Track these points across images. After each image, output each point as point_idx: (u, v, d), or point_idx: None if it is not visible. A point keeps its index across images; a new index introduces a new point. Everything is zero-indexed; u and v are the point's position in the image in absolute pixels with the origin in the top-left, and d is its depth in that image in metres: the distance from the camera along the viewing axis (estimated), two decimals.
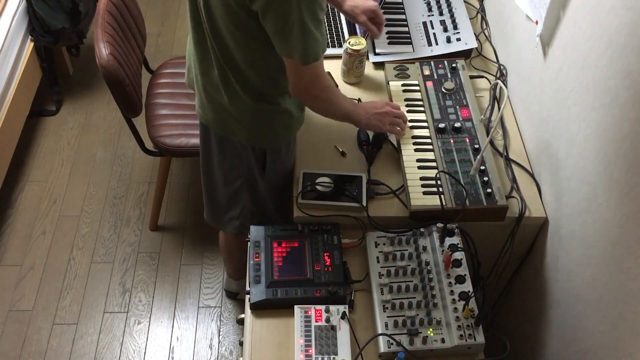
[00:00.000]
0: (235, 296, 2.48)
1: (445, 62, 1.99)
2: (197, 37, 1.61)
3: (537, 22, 1.72)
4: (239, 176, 1.82)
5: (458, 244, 1.59)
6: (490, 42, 2.14)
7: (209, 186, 1.93)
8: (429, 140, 1.79)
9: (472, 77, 2.00)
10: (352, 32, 2.12)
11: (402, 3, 2.21)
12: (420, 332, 1.46)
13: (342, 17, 2.19)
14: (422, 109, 1.87)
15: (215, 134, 1.76)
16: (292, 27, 1.39)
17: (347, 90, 1.97)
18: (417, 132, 1.82)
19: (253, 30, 1.46)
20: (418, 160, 1.75)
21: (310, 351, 1.44)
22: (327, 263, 1.59)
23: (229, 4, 1.42)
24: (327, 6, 2.22)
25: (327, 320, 1.49)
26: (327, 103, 1.65)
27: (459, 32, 2.08)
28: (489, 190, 1.66)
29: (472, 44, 2.05)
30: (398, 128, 1.78)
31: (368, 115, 1.73)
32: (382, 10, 1.94)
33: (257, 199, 1.88)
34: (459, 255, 1.57)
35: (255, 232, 1.64)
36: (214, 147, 1.79)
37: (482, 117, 1.86)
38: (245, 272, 1.75)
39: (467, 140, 1.78)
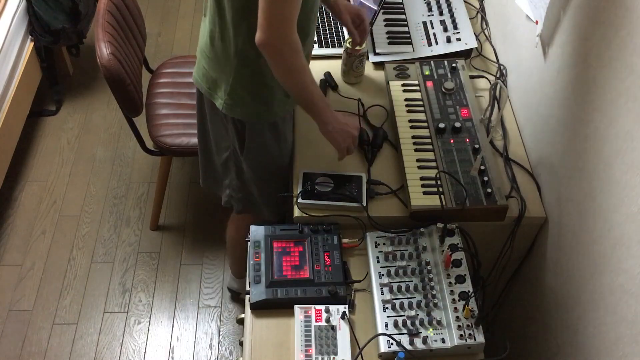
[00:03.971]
0: (238, 295, 2.48)
1: (445, 62, 1.99)
2: None
3: (537, 22, 1.72)
4: (227, 147, 1.82)
5: (458, 244, 1.59)
6: (490, 42, 2.14)
7: (205, 152, 1.93)
8: (429, 140, 1.79)
9: (472, 77, 2.00)
10: None
11: (402, 3, 2.21)
12: (420, 332, 1.46)
13: None
14: (422, 109, 1.87)
15: (207, 100, 1.76)
16: None
17: (347, 90, 1.97)
18: (417, 132, 1.82)
19: None
20: (418, 160, 1.75)
21: (310, 351, 1.45)
22: (327, 263, 1.59)
23: None
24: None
25: (327, 320, 1.49)
26: (288, 67, 1.49)
27: (459, 32, 2.08)
28: (489, 190, 1.66)
29: (472, 44, 2.05)
30: (344, 151, 1.70)
31: (337, 125, 1.64)
32: (382, 10, 1.93)
33: (242, 177, 1.87)
34: (459, 255, 1.56)
35: (255, 232, 1.64)
36: (206, 113, 1.80)
37: (482, 117, 1.86)
38: (245, 271, 1.75)
39: (467, 140, 1.78)
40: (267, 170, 1.84)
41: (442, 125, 1.81)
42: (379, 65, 2.06)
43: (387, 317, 1.49)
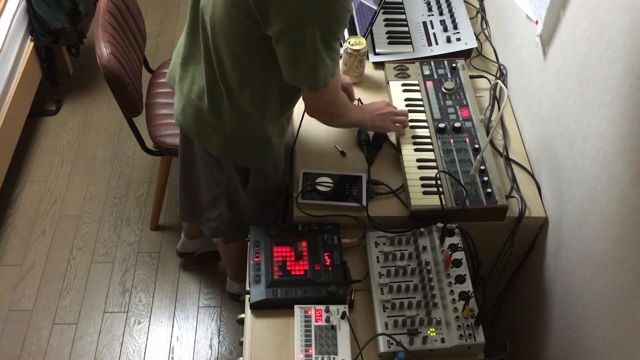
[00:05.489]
0: (238, 298, 2.48)
1: (445, 62, 1.99)
2: (190, 43, 1.60)
3: (537, 22, 1.72)
4: (219, 184, 1.81)
5: (458, 244, 1.59)
6: (490, 42, 2.14)
7: (187, 185, 1.92)
8: (429, 140, 1.79)
9: (472, 77, 2.00)
10: (352, 32, 2.12)
11: (402, 3, 2.21)
12: (420, 332, 1.46)
13: None
14: (422, 109, 1.88)
15: (197, 142, 1.74)
16: (305, 55, 1.38)
17: None
18: (417, 132, 1.82)
19: (260, 53, 1.44)
20: (418, 160, 1.75)
21: (310, 351, 1.44)
22: (327, 263, 1.59)
23: (241, 25, 1.38)
24: None
25: (327, 320, 1.49)
26: (341, 117, 1.69)
27: (459, 32, 2.08)
28: (489, 190, 1.66)
29: (472, 43, 2.05)
30: (400, 126, 1.80)
31: (372, 117, 1.77)
32: (382, 10, 1.93)
33: (235, 209, 1.86)
34: (459, 255, 1.56)
35: (255, 232, 1.64)
36: (196, 153, 1.78)
37: (482, 117, 1.86)
38: (244, 275, 1.74)
39: (467, 140, 1.78)
40: (267, 197, 1.85)
41: (442, 125, 1.81)
42: (379, 65, 2.06)
43: (387, 317, 1.49)
